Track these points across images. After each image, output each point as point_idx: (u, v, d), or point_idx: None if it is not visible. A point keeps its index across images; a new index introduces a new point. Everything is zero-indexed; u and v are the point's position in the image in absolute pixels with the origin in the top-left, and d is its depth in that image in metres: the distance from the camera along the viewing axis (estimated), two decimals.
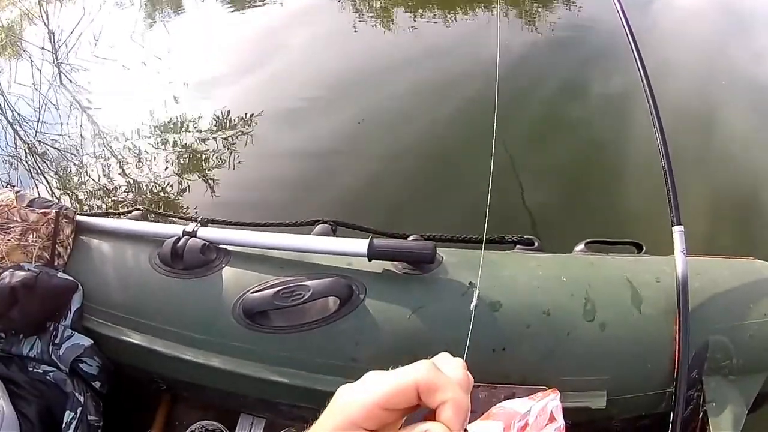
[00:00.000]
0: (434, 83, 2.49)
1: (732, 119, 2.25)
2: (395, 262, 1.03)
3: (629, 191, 1.89)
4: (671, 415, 1.04)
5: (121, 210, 1.33)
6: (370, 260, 1.01)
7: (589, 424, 1.08)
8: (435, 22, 3.12)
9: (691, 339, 1.02)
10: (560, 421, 0.40)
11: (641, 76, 1.10)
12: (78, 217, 1.19)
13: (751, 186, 1.97)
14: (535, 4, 3.13)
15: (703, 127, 2.19)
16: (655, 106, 1.08)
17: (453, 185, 1.89)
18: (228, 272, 1.06)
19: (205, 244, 1.06)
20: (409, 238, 1.09)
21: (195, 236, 1.07)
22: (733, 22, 3.01)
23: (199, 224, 1.10)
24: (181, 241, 1.06)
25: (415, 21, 3.13)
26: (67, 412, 1.11)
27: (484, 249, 0.97)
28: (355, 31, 3.10)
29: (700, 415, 1.07)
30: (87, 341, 1.13)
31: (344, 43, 3.01)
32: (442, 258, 1.03)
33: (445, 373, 0.32)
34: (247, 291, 1.02)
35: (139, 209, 1.24)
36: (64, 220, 1.20)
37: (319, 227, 1.14)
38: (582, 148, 2.13)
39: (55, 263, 1.19)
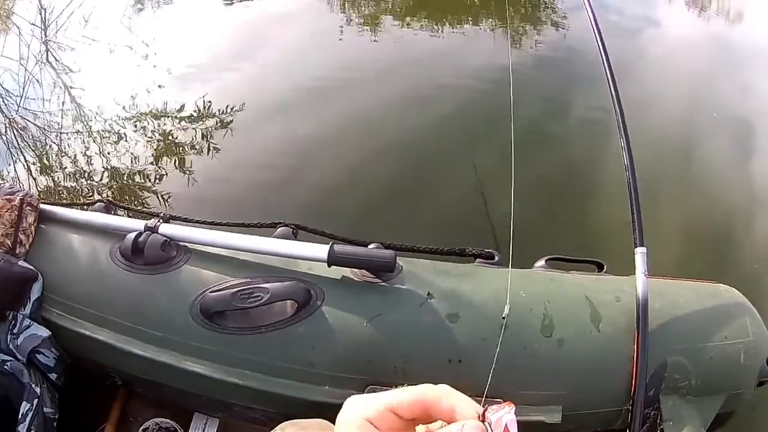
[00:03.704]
0: (418, 93, 2.47)
1: (714, 150, 2.28)
2: (355, 269, 1.03)
3: (597, 211, 1.90)
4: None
5: (85, 200, 1.31)
6: (329, 266, 1.00)
7: None
8: (423, 32, 3.13)
9: (650, 358, 1.02)
10: None
11: (612, 96, 1.10)
12: (41, 206, 1.17)
13: (724, 216, 2.00)
14: (527, 26, 3.15)
15: (683, 156, 2.22)
16: (624, 126, 1.08)
17: (424, 197, 1.89)
18: (187, 270, 1.05)
19: (165, 240, 1.05)
20: (369, 246, 1.09)
21: (156, 232, 1.06)
22: (721, 54, 3.06)
23: (161, 220, 1.08)
24: (143, 237, 1.05)
25: (402, 29, 3.14)
26: (24, 403, 1.09)
27: (440, 261, 0.97)
28: (341, 35, 3.09)
29: None
30: (45, 332, 1.11)
31: (331, 44, 3.00)
32: (402, 267, 1.03)
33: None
34: (206, 290, 1.01)
35: (102, 201, 1.22)
36: (28, 207, 1.18)
37: (280, 230, 1.13)
38: (556, 167, 2.13)
39: (17, 251, 1.17)
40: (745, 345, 1.10)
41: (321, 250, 0.99)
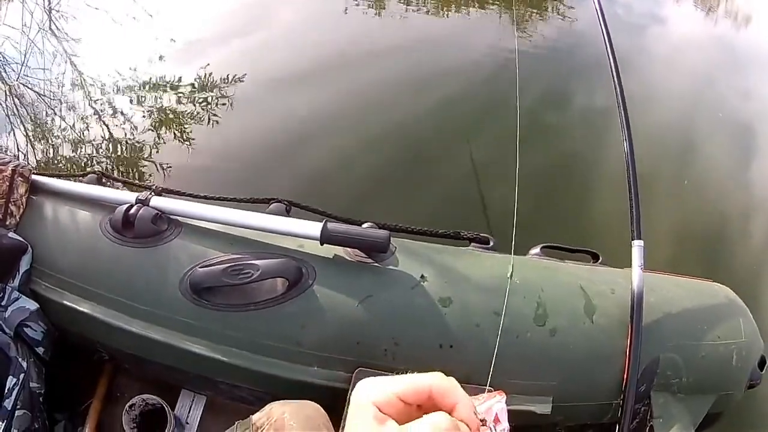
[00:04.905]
0: (421, 74, 2.45)
1: (717, 150, 2.28)
2: (348, 249, 1.01)
3: (596, 203, 1.89)
4: (617, 426, 1.03)
5: (78, 171, 1.29)
6: (322, 244, 0.98)
7: (533, 429, 1.07)
8: (428, 14, 3.11)
9: (642, 353, 1.01)
10: (505, 424, 0.39)
11: (615, 88, 1.09)
12: (33, 177, 1.16)
13: (723, 215, 1.99)
14: (533, 15, 3.13)
15: (686, 153, 2.21)
16: (626, 118, 1.07)
17: (422, 180, 1.87)
18: (178, 244, 1.03)
19: (157, 213, 1.03)
20: (363, 225, 1.07)
21: (148, 205, 1.04)
22: (730, 55, 3.05)
23: (152, 193, 1.07)
24: (134, 209, 1.03)
25: (408, 10, 3.11)
26: (10, 377, 1.07)
27: (435, 243, 0.95)
28: (346, 12, 3.06)
29: (647, 429, 1.07)
30: (33, 305, 1.10)
31: (336, 21, 2.97)
32: (396, 248, 1.01)
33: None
34: (196, 265, 1.00)
35: (94, 172, 1.21)
36: (20, 178, 1.16)
37: (273, 206, 1.11)
38: (558, 156, 2.12)
39: (7, 222, 1.15)
40: (738, 346, 1.09)
41: (314, 228, 0.98)
